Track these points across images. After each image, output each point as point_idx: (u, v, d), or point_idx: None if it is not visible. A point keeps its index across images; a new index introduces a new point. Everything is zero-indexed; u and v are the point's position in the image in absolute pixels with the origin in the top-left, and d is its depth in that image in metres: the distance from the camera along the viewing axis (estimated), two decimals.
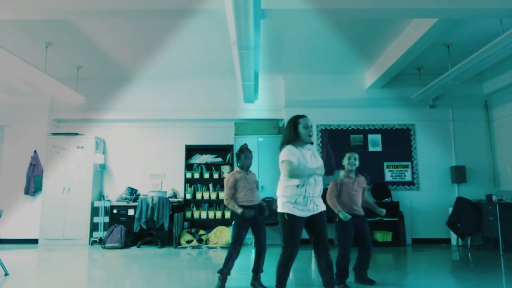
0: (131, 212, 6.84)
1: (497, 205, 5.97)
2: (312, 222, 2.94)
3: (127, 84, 7.61)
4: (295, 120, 3.04)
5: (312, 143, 3.05)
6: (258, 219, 3.77)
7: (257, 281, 3.71)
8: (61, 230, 6.85)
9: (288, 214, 2.88)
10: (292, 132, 3.01)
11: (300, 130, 2.99)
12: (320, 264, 2.97)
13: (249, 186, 3.75)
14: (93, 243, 6.93)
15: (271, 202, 6.95)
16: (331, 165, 5.50)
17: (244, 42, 4.48)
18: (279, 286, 2.93)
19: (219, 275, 3.66)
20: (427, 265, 5.04)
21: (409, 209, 7.01)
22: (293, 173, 2.84)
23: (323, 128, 7.34)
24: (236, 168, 3.88)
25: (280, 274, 2.92)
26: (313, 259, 5.38)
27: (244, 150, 3.86)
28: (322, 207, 3.00)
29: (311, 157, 3.02)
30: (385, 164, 7.23)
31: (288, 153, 2.90)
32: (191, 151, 7.45)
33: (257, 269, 3.73)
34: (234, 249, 3.69)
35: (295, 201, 2.87)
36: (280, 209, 2.95)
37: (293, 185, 2.89)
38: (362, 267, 3.93)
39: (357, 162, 3.94)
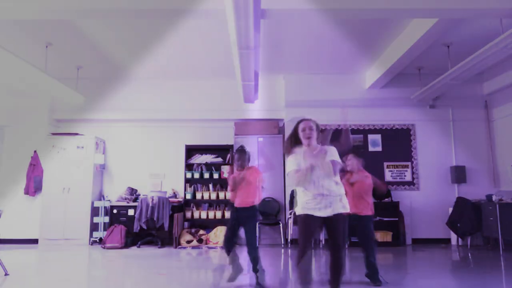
0: (131, 212, 6.84)
1: (497, 205, 5.97)
2: (328, 223, 2.94)
3: (127, 84, 7.61)
4: (296, 124, 3.14)
5: (309, 145, 3.03)
6: (245, 218, 3.78)
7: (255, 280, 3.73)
8: (61, 230, 6.84)
9: (300, 214, 2.97)
10: (294, 135, 3.11)
11: (299, 134, 3.07)
12: (329, 264, 2.99)
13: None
14: (93, 243, 6.93)
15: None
16: None
17: (244, 42, 4.48)
18: (300, 284, 2.94)
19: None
20: (427, 265, 5.04)
21: (409, 209, 7.01)
22: (296, 181, 2.95)
23: (323, 128, 7.33)
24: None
25: (298, 272, 2.96)
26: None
27: (236, 151, 3.95)
28: (339, 209, 2.90)
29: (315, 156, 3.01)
30: (385, 164, 7.22)
31: (287, 166, 3.05)
32: (191, 151, 7.44)
33: (253, 268, 3.75)
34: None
35: (305, 204, 2.95)
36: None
37: (301, 191, 2.99)
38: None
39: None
